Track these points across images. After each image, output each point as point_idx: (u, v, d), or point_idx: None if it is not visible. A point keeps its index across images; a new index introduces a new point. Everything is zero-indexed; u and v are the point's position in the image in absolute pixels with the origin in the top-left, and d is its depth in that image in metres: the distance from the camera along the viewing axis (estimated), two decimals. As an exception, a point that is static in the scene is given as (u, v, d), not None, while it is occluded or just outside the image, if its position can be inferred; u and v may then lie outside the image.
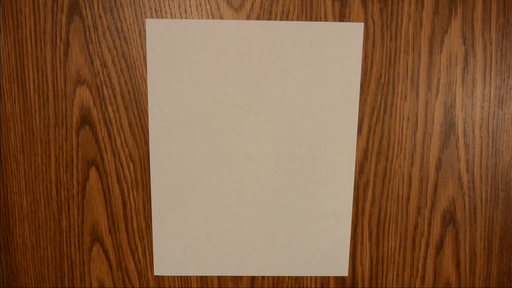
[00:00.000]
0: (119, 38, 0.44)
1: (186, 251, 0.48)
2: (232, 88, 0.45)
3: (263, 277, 0.49)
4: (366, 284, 0.49)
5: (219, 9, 0.44)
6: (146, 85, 0.45)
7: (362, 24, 0.44)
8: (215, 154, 0.46)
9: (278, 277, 0.49)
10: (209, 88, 0.45)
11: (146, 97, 0.45)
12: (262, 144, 0.46)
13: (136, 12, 0.44)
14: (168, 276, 0.49)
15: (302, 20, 0.44)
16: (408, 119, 0.46)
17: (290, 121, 0.46)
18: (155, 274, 0.48)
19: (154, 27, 0.44)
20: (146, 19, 0.44)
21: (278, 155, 0.46)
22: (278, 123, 0.46)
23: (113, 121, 0.46)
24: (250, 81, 0.45)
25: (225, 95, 0.45)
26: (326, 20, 0.44)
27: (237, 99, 0.45)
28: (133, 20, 0.44)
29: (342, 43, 0.44)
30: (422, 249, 0.49)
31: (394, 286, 0.49)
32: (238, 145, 0.46)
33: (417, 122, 0.46)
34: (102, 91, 0.45)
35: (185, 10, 0.44)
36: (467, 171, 0.47)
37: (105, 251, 0.48)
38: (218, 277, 0.49)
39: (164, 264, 0.48)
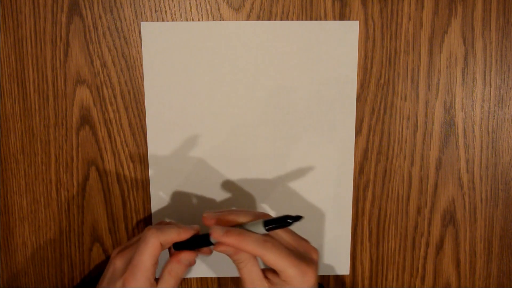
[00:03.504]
0: (119, 38, 0.44)
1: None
2: (229, 88, 0.45)
3: (263, 277, 0.49)
4: (366, 284, 0.49)
5: (219, 9, 0.44)
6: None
7: (357, 22, 0.44)
8: (214, 155, 0.46)
9: (278, 277, 0.49)
10: (206, 89, 0.45)
11: (146, 97, 0.45)
12: (261, 144, 0.46)
13: (136, 12, 0.44)
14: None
15: (302, 20, 0.44)
16: (408, 119, 0.46)
17: (289, 121, 0.46)
18: (156, 276, 0.48)
19: (149, 30, 0.44)
20: (141, 23, 0.44)
21: (277, 155, 0.46)
22: (277, 123, 0.46)
23: (113, 121, 0.46)
24: (247, 81, 0.45)
25: (222, 95, 0.45)
26: (326, 20, 0.44)
27: (233, 99, 0.45)
28: (133, 20, 0.44)
29: (338, 41, 0.44)
30: (422, 249, 0.49)
31: (394, 286, 0.49)
32: (237, 145, 0.46)
33: (417, 122, 0.46)
34: (102, 91, 0.45)
35: (185, 10, 0.44)
36: (467, 171, 0.47)
37: (105, 251, 0.48)
38: (218, 278, 0.49)
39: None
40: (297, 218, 0.34)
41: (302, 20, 0.44)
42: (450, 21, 0.45)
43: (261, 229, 0.35)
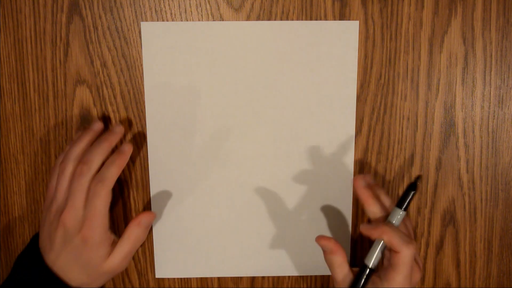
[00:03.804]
0: (119, 38, 0.44)
1: (186, 252, 0.48)
2: (228, 88, 0.45)
3: (263, 277, 0.49)
4: (366, 284, 0.49)
5: (219, 9, 0.44)
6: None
7: (357, 22, 0.44)
8: (214, 155, 0.46)
9: (278, 277, 0.49)
10: (206, 89, 0.45)
11: (146, 97, 0.45)
12: (260, 145, 0.46)
13: (136, 12, 0.44)
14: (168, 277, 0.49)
15: (301, 20, 0.44)
16: (408, 119, 0.46)
17: (289, 122, 0.46)
18: (156, 276, 0.48)
19: (149, 30, 0.44)
20: (141, 23, 0.44)
21: (277, 156, 0.46)
22: (277, 123, 0.46)
23: (113, 121, 0.46)
24: (247, 81, 0.45)
25: (222, 95, 0.45)
26: (326, 20, 0.44)
27: (233, 99, 0.45)
28: (133, 20, 0.44)
29: (338, 41, 0.44)
30: (422, 249, 0.49)
31: (394, 286, 0.49)
32: (237, 145, 0.46)
33: (417, 122, 0.46)
34: (102, 91, 0.45)
35: (185, 10, 0.44)
36: (467, 171, 0.47)
37: (105, 251, 0.48)
38: (218, 278, 0.49)
39: (165, 266, 0.48)
40: (418, 179, 0.40)
41: (302, 20, 0.44)
42: (450, 21, 0.45)
43: (402, 212, 0.39)
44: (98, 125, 0.43)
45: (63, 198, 0.40)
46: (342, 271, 0.41)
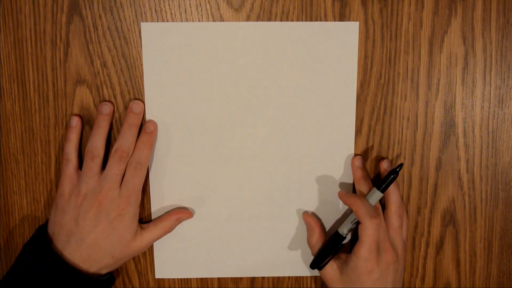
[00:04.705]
0: (119, 38, 0.44)
1: (186, 252, 0.48)
2: (229, 88, 0.45)
3: (263, 277, 0.49)
4: (366, 284, 0.49)
5: (219, 9, 0.44)
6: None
7: (357, 23, 0.44)
8: (214, 155, 0.46)
9: (278, 277, 0.49)
10: (206, 89, 0.45)
11: (146, 97, 0.45)
12: (261, 145, 0.46)
13: (136, 12, 0.44)
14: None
15: (302, 21, 0.44)
16: (408, 119, 0.46)
17: (289, 122, 0.46)
18: (156, 276, 0.48)
19: (149, 30, 0.44)
20: (141, 23, 0.44)
21: (277, 156, 0.46)
22: (277, 124, 0.46)
23: (113, 121, 0.46)
24: (247, 81, 0.45)
25: (222, 95, 0.45)
26: (326, 20, 0.44)
27: (233, 99, 0.45)
28: (133, 20, 0.44)
29: (338, 42, 0.44)
30: (422, 249, 0.49)
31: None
32: (237, 146, 0.46)
33: (417, 122, 0.46)
34: (102, 91, 0.45)
35: (185, 10, 0.44)
36: (467, 171, 0.47)
37: (105, 251, 0.48)
38: (218, 278, 0.49)
39: (165, 266, 0.48)
40: (399, 167, 0.42)
41: (302, 20, 0.44)
42: (450, 21, 0.45)
43: (378, 193, 0.42)
44: (108, 108, 0.44)
45: (95, 181, 0.42)
46: (317, 244, 0.45)
